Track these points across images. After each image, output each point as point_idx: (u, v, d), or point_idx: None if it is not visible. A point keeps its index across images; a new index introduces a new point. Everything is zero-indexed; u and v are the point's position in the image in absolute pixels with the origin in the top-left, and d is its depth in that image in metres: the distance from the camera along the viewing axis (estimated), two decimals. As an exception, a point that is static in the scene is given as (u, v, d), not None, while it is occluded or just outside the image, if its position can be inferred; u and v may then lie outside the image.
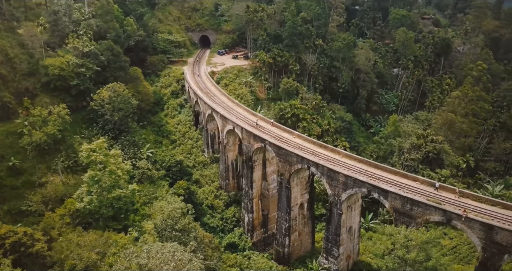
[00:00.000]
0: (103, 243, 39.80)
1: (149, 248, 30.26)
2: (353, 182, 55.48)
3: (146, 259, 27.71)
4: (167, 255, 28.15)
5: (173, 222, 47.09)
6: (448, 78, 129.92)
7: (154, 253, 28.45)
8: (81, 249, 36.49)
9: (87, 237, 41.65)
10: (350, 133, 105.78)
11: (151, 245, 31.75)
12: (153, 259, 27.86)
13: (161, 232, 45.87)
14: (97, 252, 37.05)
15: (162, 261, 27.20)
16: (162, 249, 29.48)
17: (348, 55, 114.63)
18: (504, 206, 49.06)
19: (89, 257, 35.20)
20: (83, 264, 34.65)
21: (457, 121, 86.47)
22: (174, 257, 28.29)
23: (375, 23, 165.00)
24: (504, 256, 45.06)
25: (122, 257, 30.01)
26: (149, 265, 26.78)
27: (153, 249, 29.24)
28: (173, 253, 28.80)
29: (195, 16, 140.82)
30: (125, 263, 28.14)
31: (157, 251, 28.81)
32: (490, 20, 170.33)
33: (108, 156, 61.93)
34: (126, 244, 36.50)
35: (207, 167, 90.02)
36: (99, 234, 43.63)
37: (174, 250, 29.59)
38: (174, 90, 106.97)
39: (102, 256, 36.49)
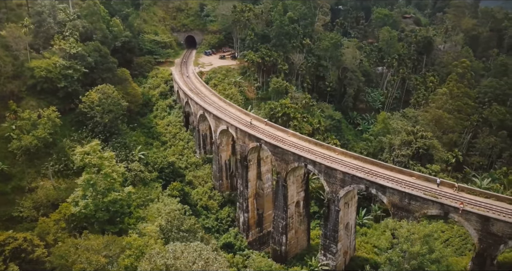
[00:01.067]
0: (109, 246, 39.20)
1: (174, 248, 29.95)
2: (351, 178, 56.29)
3: (172, 259, 27.43)
4: (193, 254, 27.94)
5: (179, 222, 46.75)
6: (432, 75, 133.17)
7: (179, 253, 28.18)
8: (89, 253, 35.89)
9: (94, 241, 40.93)
10: (340, 131, 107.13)
11: (174, 245, 31.45)
12: (180, 259, 27.58)
13: (167, 233, 45.47)
14: (104, 256, 36.53)
15: (190, 260, 26.99)
16: (187, 249, 29.26)
17: (335, 54, 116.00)
18: (497, 198, 50.71)
19: (98, 261, 34.65)
20: (92, 268, 34.06)
21: (444, 117, 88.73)
22: (202, 256, 28.11)
23: (358, 23, 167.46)
24: (500, 246, 46.58)
25: (146, 257, 29.60)
26: (176, 265, 26.51)
27: (178, 249, 28.96)
28: (199, 252, 28.64)
29: (180, 16, 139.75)
30: (150, 264, 27.79)
31: (182, 251, 28.55)
32: (468, 19, 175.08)
33: (102, 158, 61.10)
34: (141, 245, 36.03)
35: (200, 168, 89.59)
36: (106, 238, 42.94)
37: (200, 249, 29.44)
38: (163, 91, 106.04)
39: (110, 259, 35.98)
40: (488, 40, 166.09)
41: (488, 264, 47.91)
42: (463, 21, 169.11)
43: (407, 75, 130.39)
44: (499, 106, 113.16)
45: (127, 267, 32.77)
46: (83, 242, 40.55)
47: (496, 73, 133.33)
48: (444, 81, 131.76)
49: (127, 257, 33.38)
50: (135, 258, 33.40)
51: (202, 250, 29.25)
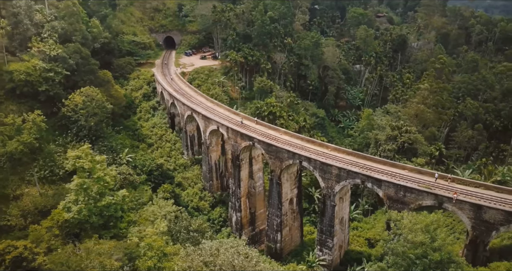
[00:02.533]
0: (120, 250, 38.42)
1: (210, 245, 29.72)
2: (347, 173, 57.52)
3: (210, 257, 27.21)
4: (230, 250, 27.85)
5: (187, 223, 46.33)
6: (407, 72, 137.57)
7: (215, 250, 28.04)
8: (102, 257, 35.06)
9: (105, 245, 39.99)
10: (324, 129, 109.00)
11: (204, 243, 31.24)
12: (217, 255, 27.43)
13: (175, 234, 44.97)
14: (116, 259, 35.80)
15: (230, 256, 26.85)
16: (222, 245, 29.16)
17: (316, 53, 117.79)
18: (486, 187, 53.26)
19: (112, 265, 33.92)
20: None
21: (425, 112, 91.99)
22: (239, 252, 28.07)
23: (334, 22, 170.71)
24: (492, 232, 48.94)
25: (181, 256, 29.18)
26: (218, 262, 26.26)
27: (214, 246, 28.77)
28: (236, 247, 28.60)
29: (158, 17, 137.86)
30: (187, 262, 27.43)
31: (217, 248, 28.41)
32: (438, 17, 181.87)
33: (94, 161, 59.72)
34: (162, 246, 35.47)
35: (188, 169, 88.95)
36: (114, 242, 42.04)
37: (236, 244, 29.42)
38: (146, 93, 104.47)
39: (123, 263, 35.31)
40: (457, 37, 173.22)
41: (481, 250, 50.21)
42: (433, 19, 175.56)
43: (384, 73, 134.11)
44: (472, 101, 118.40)
45: (150, 268, 32.20)
46: (94, 247, 39.51)
47: (467, 69, 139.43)
48: (419, 77, 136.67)
49: (149, 259, 32.85)
50: (158, 259, 32.93)
51: (239, 245, 29.32)
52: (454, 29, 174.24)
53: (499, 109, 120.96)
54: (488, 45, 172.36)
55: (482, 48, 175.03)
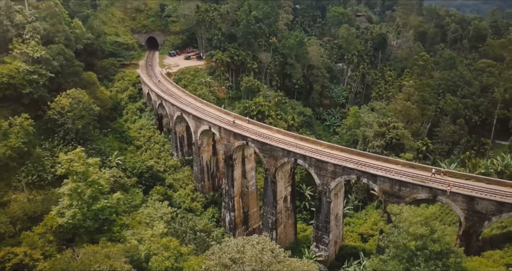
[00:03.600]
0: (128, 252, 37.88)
1: (235, 242, 29.62)
2: (342, 170, 58.47)
3: (237, 253, 27.11)
4: (257, 246, 27.87)
5: (193, 223, 46.04)
6: (388, 70, 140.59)
7: (241, 247, 28.01)
8: (111, 260, 34.45)
9: (113, 248, 39.27)
10: (311, 127, 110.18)
11: (229, 241, 31.11)
12: (243, 252, 27.38)
13: (181, 235, 44.62)
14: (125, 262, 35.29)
15: (258, 251, 26.88)
16: (248, 242, 29.16)
17: (301, 52, 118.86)
18: (476, 179, 55.22)
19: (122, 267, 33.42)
20: (118, 275, 32.87)
21: (411, 108, 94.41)
22: (266, 247, 28.13)
23: (315, 21, 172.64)
24: (485, 222, 50.80)
25: (208, 254, 28.95)
26: (246, 258, 26.22)
27: (240, 243, 28.70)
28: (262, 244, 28.63)
29: (139, 17, 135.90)
30: (215, 260, 27.27)
31: (243, 245, 28.39)
32: (414, 16, 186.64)
33: (87, 164, 58.61)
34: (178, 246, 35.08)
35: (179, 170, 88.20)
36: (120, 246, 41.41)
37: (263, 241, 29.43)
38: (132, 94, 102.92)
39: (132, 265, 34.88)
40: (434, 35, 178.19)
41: (474, 240, 52.04)
42: (410, 18, 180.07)
43: (366, 71, 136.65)
44: (452, 97, 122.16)
45: (167, 268, 31.84)
46: (102, 250, 38.80)
47: (445, 66, 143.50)
48: (400, 75, 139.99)
49: (166, 259, 32.51)
50: (175, 259, 32.62)
51: (265, 242, 29.40)
52: (430, 27, 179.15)
53: (477, 104, 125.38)
54: (463, 43, 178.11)
55: (457, 46, 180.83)
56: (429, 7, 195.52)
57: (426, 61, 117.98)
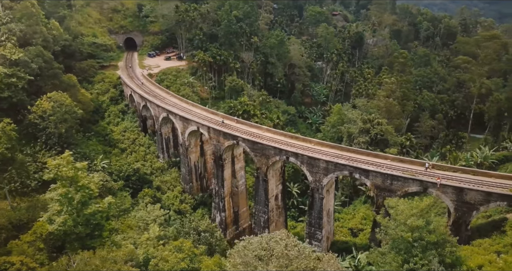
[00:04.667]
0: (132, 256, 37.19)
1: (258, 240, 29.39)
2: (334, 166, 59.35)
3: (262, 250, 26.96)
4: (281, 243, 27.84)
5: (196, 224, 45.59)
6: (367, 68, 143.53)
7: (265, 244, 27.86)
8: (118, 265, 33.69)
9: (119, 252, 38.41)
10: (296, 125, 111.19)
11: (251, 238, 30.84)
12: (270, 249, 27.25)
13: (184, 236, 44.13)
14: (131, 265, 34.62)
15: (284, 248, 26.85)
16: (270, 239, 29.06)
17: (282, 51, 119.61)
18: (463, 171, 57.29)
19: (130, 271, 32.86)
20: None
21: (393, 105, 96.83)
22: (290, 243, 28.15)
23: (293, 20, 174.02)
24: (473, 212, 52.79)
25: (233, 253, 28.61)
26: (274, 254, 26.16)
27: (263, 241, 28.52)
28: (286, 240, 28.63)
29: (116, 17, 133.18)
30: (241, 258, 26.97)
31: (266, 242, 28.23)
32: (388, 15, 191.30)
33: (76, 169, 57.12)
34: (192, 246, 34.55)
35: (166, 172, 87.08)
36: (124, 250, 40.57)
37: (286, 236, 29.42)
38: (113, 97, 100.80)
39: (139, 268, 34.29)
40: (408, 33, 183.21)
41: (463, 230, 53.95)
42: (384, 17, 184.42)
43: (346, 69, 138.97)
44: (428, 93, 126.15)
45: (184, 269, 31.35)
46: (109, 255, 37.86)
47: (420, 63, 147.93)
48: (378, 72, 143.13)
49: (181, 260, 32.04)
50: (190, 260, 32.17)
51: (288, 237, 29.45)
52: (404, 26, 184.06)
53: (452, 99, 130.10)
54: (435, 40, 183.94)
55: (429, 43, 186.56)
56: (402, 6, 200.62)
57: (406, 58, 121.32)
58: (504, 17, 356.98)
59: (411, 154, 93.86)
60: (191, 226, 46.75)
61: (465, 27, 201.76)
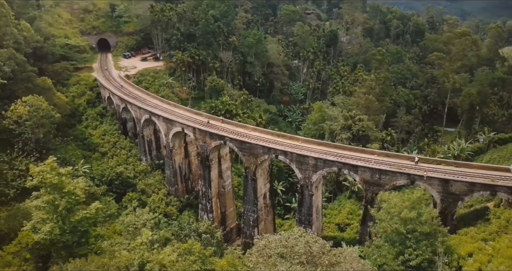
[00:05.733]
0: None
1: (278, 238, 29.00)
2: (323, 163, 60.08)
3: (284, 248, 26.60)
4: (300, 240, 27.67)
5: (197, 225, 44.86)
6: (342, 65, 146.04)
7: (285, 241, 27.58)
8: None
9: (123, 258, 37.22)
10: (277, 124, 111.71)
11: (269, 237, 30.41)
12: (291, 246, 27.00)
13: (184, 239, 43.33)
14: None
15: (306, 245, 26.67)
16: (289, 236, 28.76)
17: (260, 50, 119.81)
18: (446, 163, 59.35)
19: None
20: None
21: (373, 102, 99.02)
22: (310, 240, 27.98)
23: (267, 20, 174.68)
24: (458, 202, 54.80)
25: (254, 252, 28.09)
26: (296, 250, 25.88)
27: (283, 238, 28.17)
28: (305, 237, 28.48)
29: (88, 18, 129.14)
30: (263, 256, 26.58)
31: (286, 239, 27.95)
32: (359, 13, 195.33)
33: (61, 175, 55.17)
34: (202, 248, 33.72)
35: (149, 175, 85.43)
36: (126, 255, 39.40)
37: (305, 233, 29.25)
38: (90, 99, 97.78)
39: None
40: (379, 31, 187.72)
41: (449, 220, 55.88)
42: (356, 15, 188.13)
43: (322, 67, 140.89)
44: (403, 89, 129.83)
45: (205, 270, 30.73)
46: (111, 261, 36.62)
47: (393, 60, 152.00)
48: (353, 70, 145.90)
49: (193, 263, 31.28)
50: (201, 262, 31.49)
51: (306, 234, 29.36)
52: (376, 24, 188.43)
53: (425, 95, 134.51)
54: (405, 37, 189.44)
55: (400, 41, 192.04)
56: (372, 5, 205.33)
57: (383, 55, 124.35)
58: (465, 14, 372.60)
59: (390, 149, 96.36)
60: (191, 228, 46.10)
61: (432, 25, 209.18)
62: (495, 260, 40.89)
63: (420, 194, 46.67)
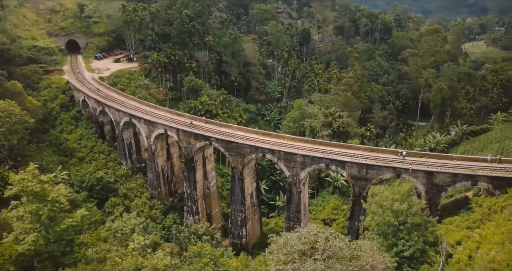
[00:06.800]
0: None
1: (295, 235, 28.57)
2: (311, 160, 60.65)
3: (304, 245, 26.23)
4: (319, 235, 27.42)
5: (196, 227, 44.02)
6: (316, 63, 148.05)
7: (303, 238, 27.20)
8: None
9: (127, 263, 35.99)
10: (257, 123, 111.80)
11: (286, 234, 29.90)
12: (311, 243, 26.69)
13: (184, 241, 42.40)
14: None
15: (326, 240, 26.40)
16: (308, 232, 28.47)
17: (236, 49, 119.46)
18: (429, 156, 61.40)
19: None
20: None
21: (351, 99, 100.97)
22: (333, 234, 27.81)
23: (239, 19, 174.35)
24: (442, 193, 56.79)
25: (275, 250, 27.42)
26: (320, 247, 25.52)
27: (301, 236, 27.74)
28: (324, 232, 28.27)
29: (56, 18, 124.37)
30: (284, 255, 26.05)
31: (304, 236, 27.59)
32: (329, 11, 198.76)
33: (43, 182, 52.92)
34: (213, 250, 32.92)
35: (131, 179, 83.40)
36: None
37: (322, 229, 29.02)
38: (63, 103, 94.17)
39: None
40: (349, 29, 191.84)
41: (434, 210, 57.76)
42: (326, 14, 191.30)
43: (297, 66, 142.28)
44: (377, 85, 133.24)
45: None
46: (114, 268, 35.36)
47: (365, 57, 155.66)
48: (327, 67, 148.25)
49: (205, 265, 30.52)
50: (214, 263, 30.81)
51: (324, 229, 29.27)
52: (346, 22, 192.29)
53: (397, 90, 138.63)
54: (374, 35, 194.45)
55: (369, 38, 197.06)
56: (341, 3, 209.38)
57: (360, 53, 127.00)
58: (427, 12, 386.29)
59: (368, 144, 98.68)
60: (191, 230, 45.33)
61: (399, 23, 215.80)
62: (483, 247, 42.64)
63: (410, 186, 48.09)
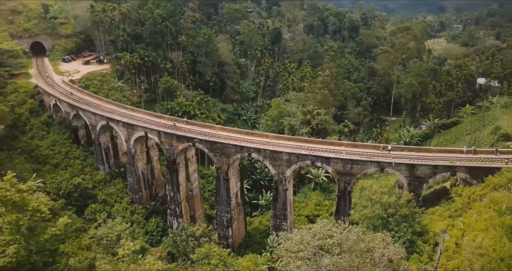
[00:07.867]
0: None
1: (313, 231, 28.26)
2: (297, 157, 61.22)
3: (321, 240, 26.04)
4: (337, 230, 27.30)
5: (193, 229, 43.09)
6: (289, 62, 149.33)
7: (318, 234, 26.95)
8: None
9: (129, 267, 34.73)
10: (235, 122, 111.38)
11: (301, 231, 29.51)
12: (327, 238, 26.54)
13: (181, 244, 41.44)
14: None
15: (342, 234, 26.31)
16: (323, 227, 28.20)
17: (211, 49, 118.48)
18: (409, 149, 63.42)
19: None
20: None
21: (328, 96, 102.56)
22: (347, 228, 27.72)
23: (210, 18, 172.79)
24: (424, 185, 58.83)
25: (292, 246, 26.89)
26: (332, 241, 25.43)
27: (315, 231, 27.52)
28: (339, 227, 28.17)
29: (18, 20, 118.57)
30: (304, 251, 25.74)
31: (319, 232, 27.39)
32: (298, 11, 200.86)
33: (22, 191, 50.54)
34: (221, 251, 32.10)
35: (109, 184, 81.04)
36: None
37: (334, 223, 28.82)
38: (32, 108, 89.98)
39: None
40: (318, 28, 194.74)
41: (416, 201, 59.69)
42: (295, 13, 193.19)
43: (270, 65, 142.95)
44: (349, 82, 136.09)
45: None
46: None
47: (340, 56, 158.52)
48: (299, 66, 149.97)
49: (215, 266, 29.82)
50: (223, 263, 30.18)
51: (338, 224, 29.20)
52: (315, 21, 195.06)
53: (368, 87, 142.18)
54: (342, 33, 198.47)
55: (337, 37, 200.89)
56: (310, 3, 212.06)
57: (335, 51, 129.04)
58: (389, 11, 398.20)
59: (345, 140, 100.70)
60: (188, 233, 44.50)
61: (365, 21, 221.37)
62: (468, 234, 44.50)
63: (396, 179, 49.53)
